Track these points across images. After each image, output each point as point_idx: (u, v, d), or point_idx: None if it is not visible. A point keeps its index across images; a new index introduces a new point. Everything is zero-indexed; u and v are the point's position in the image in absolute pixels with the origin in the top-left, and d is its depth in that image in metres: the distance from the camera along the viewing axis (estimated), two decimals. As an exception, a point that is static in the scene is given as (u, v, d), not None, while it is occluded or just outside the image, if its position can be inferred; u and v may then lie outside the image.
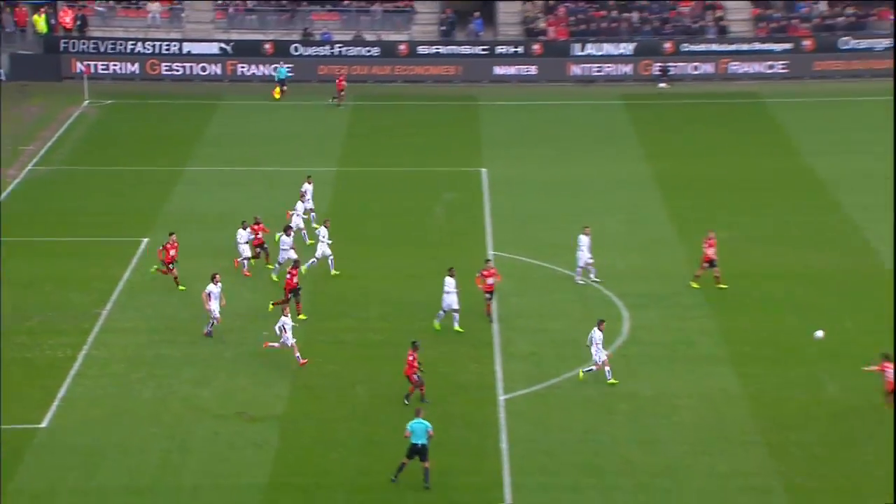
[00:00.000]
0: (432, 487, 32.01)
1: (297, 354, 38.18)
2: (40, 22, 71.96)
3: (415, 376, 35.82)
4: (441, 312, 40.21)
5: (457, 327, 40.05)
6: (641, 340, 39.85)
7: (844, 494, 31.93)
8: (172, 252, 43.54)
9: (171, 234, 44.09)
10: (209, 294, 39.80)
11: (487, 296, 40.66)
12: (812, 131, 61.82)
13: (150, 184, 54.90)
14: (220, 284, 40.11)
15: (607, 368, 36.97)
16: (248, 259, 44.97)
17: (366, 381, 37.59)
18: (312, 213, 48.71)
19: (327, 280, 44.04)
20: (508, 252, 46.69)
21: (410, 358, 35.80)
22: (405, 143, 61.09)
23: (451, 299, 39.90)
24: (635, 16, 73.39)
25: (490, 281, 40.44)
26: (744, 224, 49.47)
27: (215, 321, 39.99)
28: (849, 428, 34.83)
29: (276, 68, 68.27)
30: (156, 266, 44.15)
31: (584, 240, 43.82)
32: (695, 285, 43.42)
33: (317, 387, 37.40)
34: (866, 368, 35.86)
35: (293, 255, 43.75)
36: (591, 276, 43.90)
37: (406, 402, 35.63)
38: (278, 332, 38.26)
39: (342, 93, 65.85)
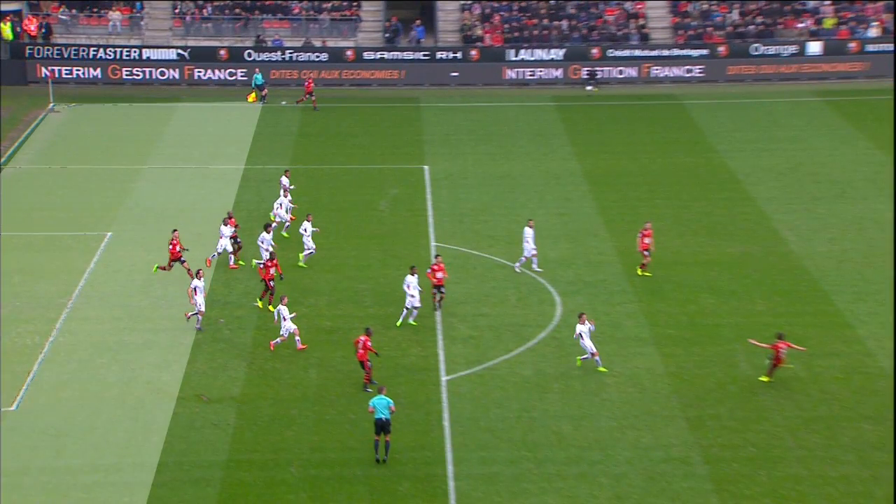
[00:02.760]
0: (380, 462, 32.02)
1: (298, 338, 37.85)
2: (6, 29, 71.08)
3: (368, 362, 35.64)
4: (405, 311, 39.69)
5: (412, 321, 39.80)
6: (572, 324, 40.00)
7: (756, 462, 32.34)
8: (178, 248, 42.85)
9: (173, 231, 43.42)
10: (195, 289, 39.16)
11: (435, 289, 40.54)
12: (726, 130, 62.38)
13: (112, 181, 54.43)
14: (203, 279, 39.76)
15: (597, 357, 37.01)
16: (233, 253, 44.24)
17: (317, 364, 37.54)
18: (290, 206, 48.53)
19: (285, 270, 43.81)
20: (449, 243, 46.75)
21: (367, 343, 35.48)
22: (353, 142, 60.98)
23: (414, 299, 39.33)
24: (565, 24, 73.65)
25: (439, 275, 40.36)
26: (665, 215, 49.85)
27: (200, 314, 39.42)
28: (759, 402, 35.25)
29: (252, 75, 67.72)
30: (157, 264, 43.40)
31: (528, 232, 43.89)
32: (647, 273, 43.39)
33: (271, 370, 37.29)
34: (753, 342, 36.21)
35: (270, 250, 42.99)
36: (534, 265, 43.98)
37: (368, 390, 35.48)
38: (283, 325, 37.79)
39: (311, 96, 65.26)
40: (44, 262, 45.22)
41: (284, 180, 49.07)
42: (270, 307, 40.64)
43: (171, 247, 42.94)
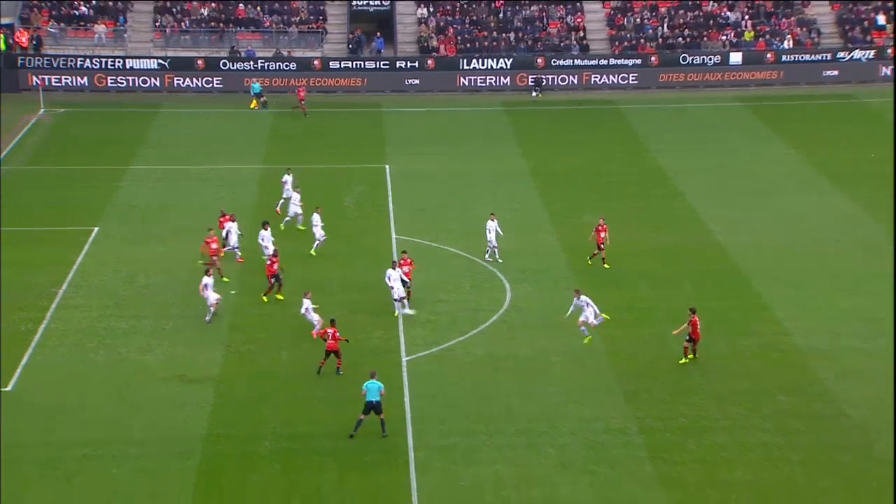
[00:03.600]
0: (346, 435, 31.95)
1: (330, 331, 36.64)
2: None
3: (339, 350, 35.36)
4: (396, 302, 39.15)
5: (409, 311, 39.10)
6: (520, 308, 40.17)
7: (685, 432, 32.57)
8: (214, 245, 42.09)
9: (209, 230, 42.86)
10: (205, 286, 38.53)
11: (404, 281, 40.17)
12: (658, 132, 62.69)
13: (98, 180, 53.94)
14: (212, 276, 39.14)
15: (583, 328, 37.01)
16: (236, 248, 43.46)
17: (289, 347, 37.39)
18: (282, 201, 48.16)
19: (258, 262, 43.64)
20: (408, 236, 46.68)
21: (335, 334, 35.24)
22: (320, 143, 60.74)
23: (398, 290, 38.94)
24: (512, 36, 73.70)
25: (405, 269, 40.18)
26: (604, 209, 50.00)
27: (213, 308, 38.64)
28: (688, 377, 35.50)
29: (251, 84, 67.02)
30: (201, 260, 42.42)
31: (490, 224, 43.82)
32: (607, 265, 43.16)
33: (247, 352, 37.10)
34: (675, 332, 36.22)
35: (272, 246, 42.34)
36: (496, 255, 43.87)
37: (340, 373, 35.28)
38: (308, 316, 37.17)
39: (303, 103, 64.59)
40: (36, 254, 44.76)
41: (287, 178, 48.62)
42: (279, 296, 40.06)
43: (206, 245, 42.05)
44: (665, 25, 75.03)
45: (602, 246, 43.22)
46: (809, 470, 30.73)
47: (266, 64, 70.70)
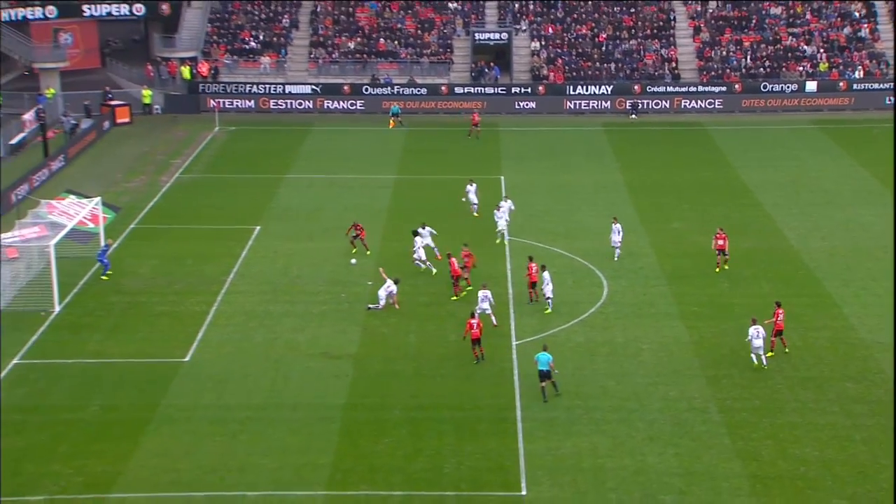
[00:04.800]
0: (464, 406, 32.03)
1: (494, 321, 36.83)
2: (186, 71, 72.24)
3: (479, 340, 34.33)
4: (548, 301, 38.04)
5: (548, 310, 38.31)
6: (616, 302, 39.74)
7: (760, 412, 31.86)
8: (364, 236, 43.62)
9: (354, 224, 44.01)
10: (389, 292, 38.05)
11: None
12: (741, 150, 61.24)
13: (260, 187, 55.02)
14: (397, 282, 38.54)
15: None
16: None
17: (416, 331, 37.63)
18: (475, 206, 48.32)
19: (394, 256, 43.98)
20: (519, 237, 46.54)
21: (479, 324, 34.38)
22: (445, 157, 60.93)
23: (547, 287, 38.01)
24: (613, 66, 72.88)
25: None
26: (690, 218, 49.19)
27: (380, 306, 38.10)
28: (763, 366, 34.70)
29: (391, 107, 67.49)
30: (354, 243, 43.47)
31: (615, 227, 43.15)
32: (726, 267, 42.15)
33: (381, 334, 37.42)
34: (766, 322, 35.41)
35: (423, 252, 41.81)
36: (615, 254, 42.99)
37: (478, 362, 34.65)
38: (486, 307, 36.57)
39: (477, 127, 63.77)
40: (208, 248, 45.84)
41: (470, 188, 48.59)
42: (462, 291, 39.24)
43: (354, 232, 43.42)
44: (748, 57, 73.25)
45: (723, 252, 41.88)
46: (871, 448, 29.81)
47: (401, 89, 71.25)
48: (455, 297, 39.72)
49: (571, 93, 70.94)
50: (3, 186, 52.10)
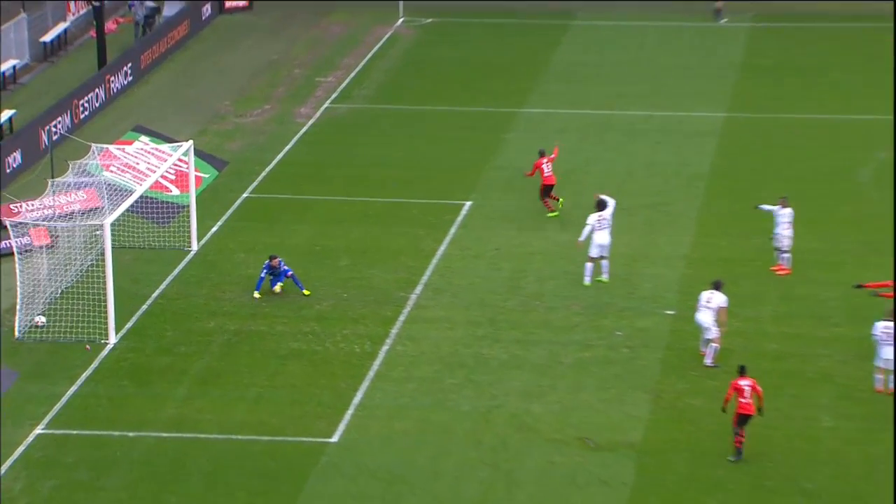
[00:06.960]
0: None
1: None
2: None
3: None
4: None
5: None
6: None
7: None
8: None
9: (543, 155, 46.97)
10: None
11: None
12: None
13: (475, 130, 55.67)
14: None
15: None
16: None
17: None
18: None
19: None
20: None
21: (756, 388, 34.65)
22: (822, 80, 59.83)
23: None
24: None
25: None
26: None
27: (714, 344, 39.00)
28: None
29: None
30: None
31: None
32: None
33: (687, 408, 36.96)
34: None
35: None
36: None
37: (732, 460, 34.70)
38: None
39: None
40: (378, 239, 46.79)
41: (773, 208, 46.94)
42: None
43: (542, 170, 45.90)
44: None
45: None
46: None
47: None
48: None
49: None
50: (24, 116, 54.68)
